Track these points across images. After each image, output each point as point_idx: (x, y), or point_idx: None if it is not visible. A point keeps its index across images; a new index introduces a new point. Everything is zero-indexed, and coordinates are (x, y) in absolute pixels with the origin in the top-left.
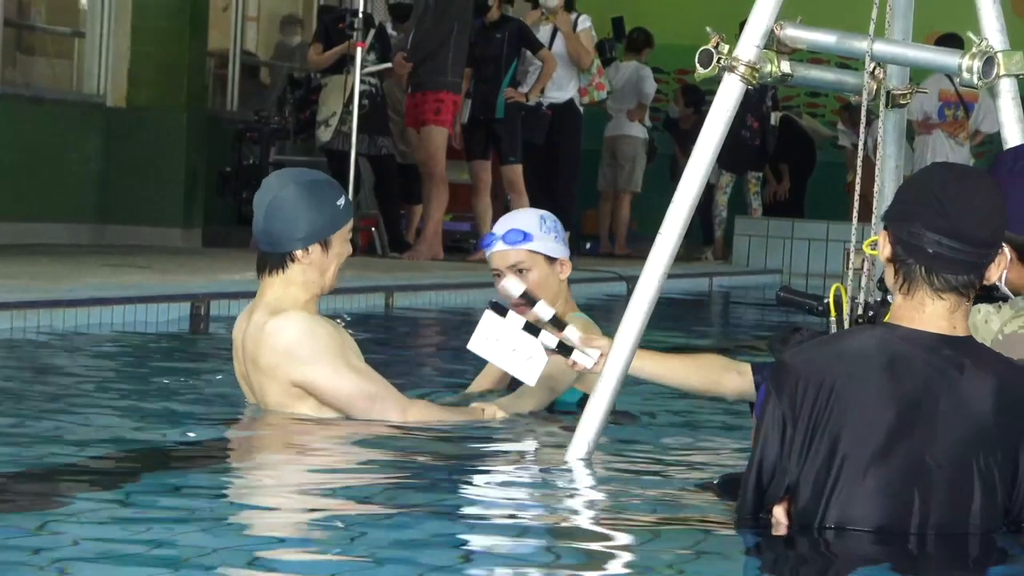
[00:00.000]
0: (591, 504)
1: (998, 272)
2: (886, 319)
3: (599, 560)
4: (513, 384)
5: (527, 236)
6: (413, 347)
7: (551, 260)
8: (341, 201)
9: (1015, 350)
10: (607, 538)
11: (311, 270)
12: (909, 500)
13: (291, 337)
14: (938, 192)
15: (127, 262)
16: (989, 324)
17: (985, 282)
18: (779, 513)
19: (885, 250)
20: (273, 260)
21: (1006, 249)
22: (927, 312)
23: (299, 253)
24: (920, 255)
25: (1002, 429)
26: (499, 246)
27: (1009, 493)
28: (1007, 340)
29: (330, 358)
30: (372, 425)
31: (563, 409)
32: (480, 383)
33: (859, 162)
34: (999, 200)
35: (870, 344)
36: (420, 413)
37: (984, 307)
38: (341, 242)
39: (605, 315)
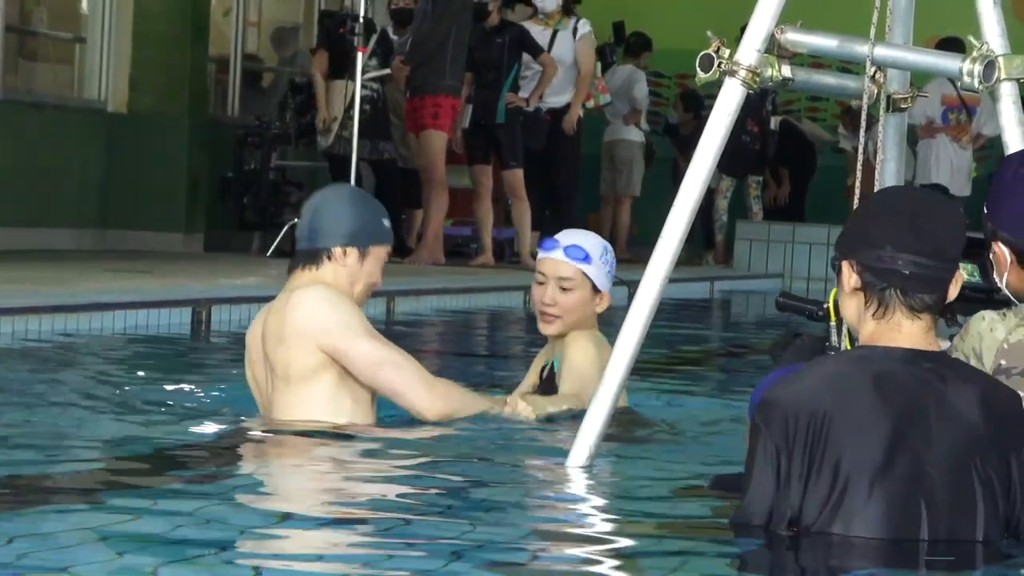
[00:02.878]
0: (591, 511)
1: (956, 289)
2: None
3: (600, 567)
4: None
5: (588, 257)
6: (415, 352)
7: (596, 290)
8: (387, 223)
9: (1021, 358)
10: (608, 545)
11: (342, 275)
12: (916, 510)
13: (317, 304)
14: (907, 213)
15: (129, 267)
16: (994, 332)
17: (948, 299)
18: None
19: (850, 281)
20: (308, 256)
21: (1006, 252)
22: (904, 332)
23: (336, 251)
24: (895, 277)
25: (993, 439)
26: (558, 255)
27: (1004, 504)
28: (1012, 348)
29: (356, 325)
30: (371, 427)
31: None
32: (525, 385)
33: (859, 166)
34: (961, 216)
35: (851, 367)
36: (445, 389)
37: (988, 314)
38: (376, 261)
39: (606, 319)
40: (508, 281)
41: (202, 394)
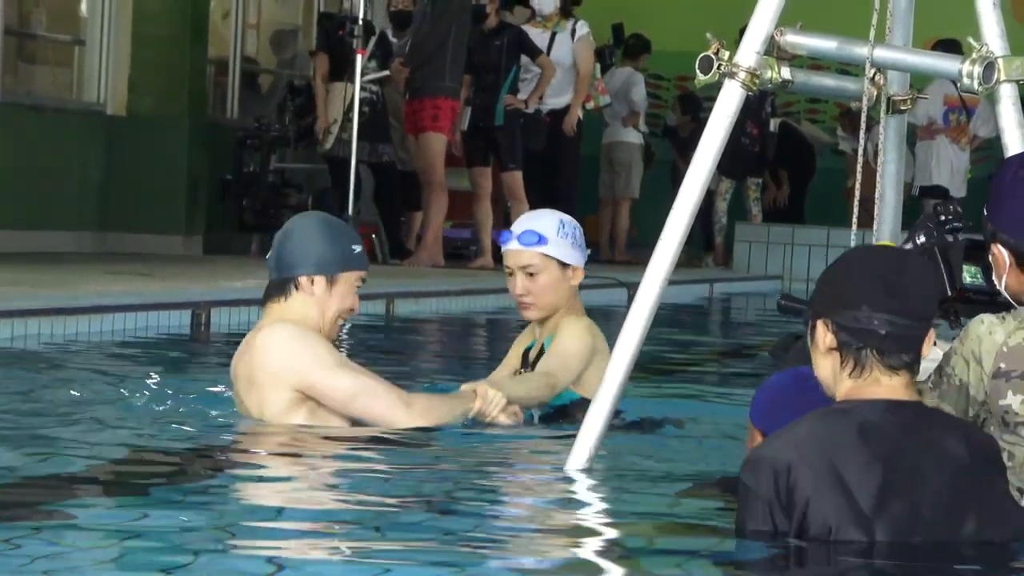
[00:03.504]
0: (591, 513)
1: (929, 346)
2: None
3: (600, 569)
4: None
5: (542, 239)
6: (414, 354)
7: (563, 265)
8: (357, 248)
9: (1020, 361)
10: (608, 547)
11: (311, 305)
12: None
13: (282, 344)
14: (882, 273)
15: (129, 269)
16: (993, 335)
17: (922, 356)
18: None
19: (825, 340)
20: (277, 286)
21: (1005, 254)
22: (884, 386)
23: (303, 280)
24: (871, 338)
25: (981, 477)
26: (513, 245)
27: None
28: (1012, 351)
29: (325, 359)
30: (371, 432)
31: (550, 409)
32: (501, 372)
33: (859, 168)
34: (933, 274)
35: (835, 420)
36: (423, 405)
37: (987, 317)
38: (347, 287)
39: (605, 321)
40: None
41: (201, 396)
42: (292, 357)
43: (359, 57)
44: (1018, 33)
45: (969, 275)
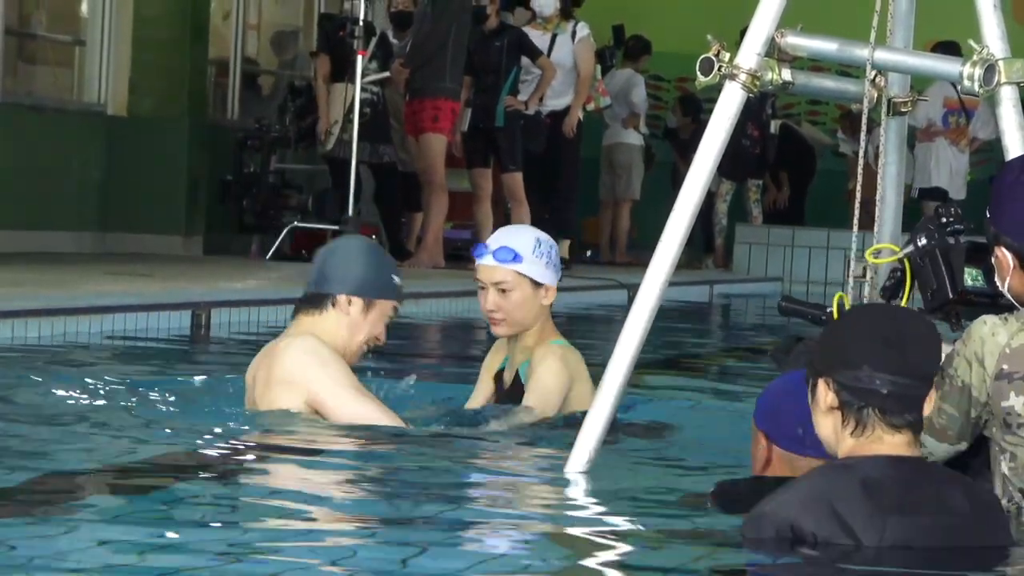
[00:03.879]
0: (589, 517)
1: (930, 406)
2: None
3: (598, 573)
4: (511, 394)
5: (517, 257)
6: (414, 355)
7: (536, 284)
8: (397, 280)
9: (1023, 363)
10: (606, 551)
11: (343, 324)
12: None
13: (305, 357)
14: (883, 333)
15: (129, 270)
16: (996, 337)
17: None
18: None
19: (827, 399)
20: (313, 300)
21: (1009, 257)
22: (886, 444)
23: (341, 299)
24: (873, 397)
25: (983, 528)
26: (488, 260)
27: None
28: (1014, 353)
29: (342, 380)
30: (369, 433)
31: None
32: (476, 400)
33: (860, 170)
34: (935, 331)
35: (836, 475)
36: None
37: (990, 319)
38: (380, 315)
39: (605, 323)
40: None
41: (201, 397)
42: (310, 370)
43: (360, 58)
44: (1018, 35)
45: (971, 277)
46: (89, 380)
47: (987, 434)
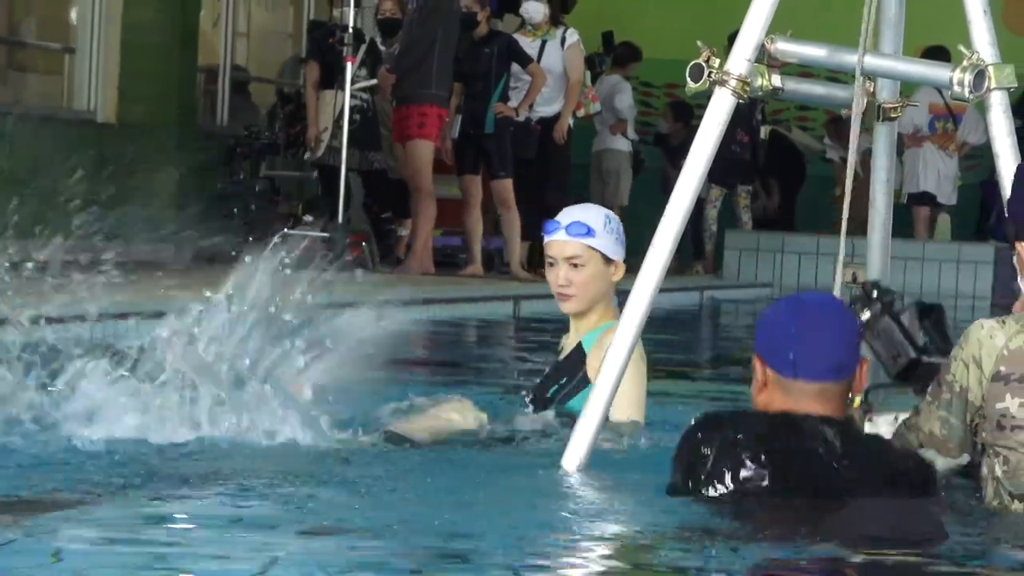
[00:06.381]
0: (583, 515)
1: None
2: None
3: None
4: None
5: (590, 231)
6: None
7: (607, 260)
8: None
9: (1021, 364)
10: (597, 550)
11: None
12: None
13: None
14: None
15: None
16: (994, 339)
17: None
18: None
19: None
20: None
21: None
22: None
23: None
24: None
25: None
26: (560, 235)
27: None
28: (1012, 355)
29: None
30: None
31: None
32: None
33: (849, 177)
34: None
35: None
36: None
37: (987, 322)
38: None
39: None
40: (497, 291)
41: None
42: None
43: (349, 65)
44: (1008, 41)
45: (923, 332)
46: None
47: (977, 439)
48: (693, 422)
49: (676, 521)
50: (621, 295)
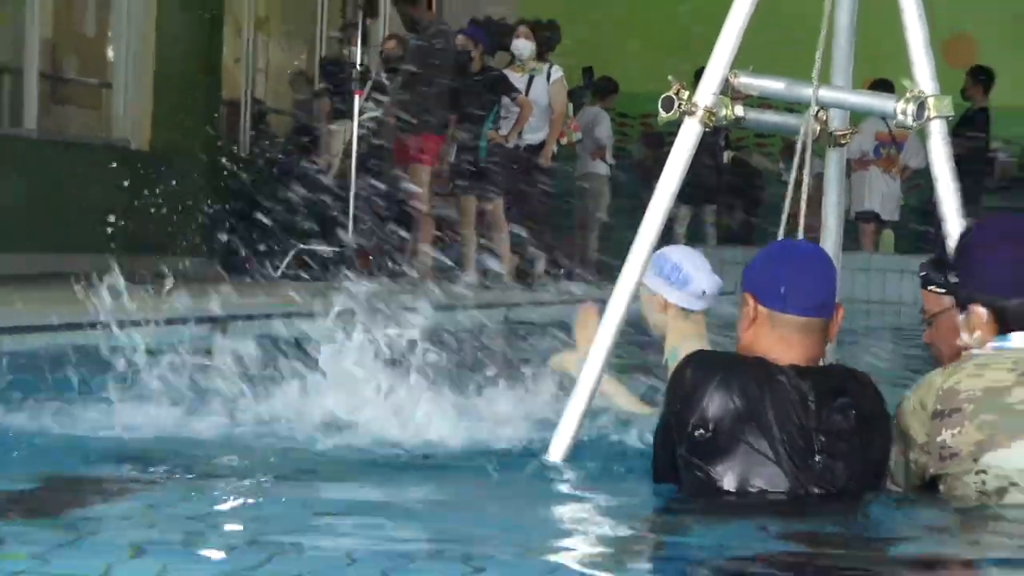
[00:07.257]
0: (566, 506)
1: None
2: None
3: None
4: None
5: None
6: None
7: (652, 292)
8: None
9: (950, 401)
10: (584, 540)
11: None
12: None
13: None
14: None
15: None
16: (933, 383)
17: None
18: None
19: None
20: None
21: (984, 312)
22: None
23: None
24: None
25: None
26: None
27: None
28: (946, 393)
29: None
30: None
31: None
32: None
33: (804, 195)
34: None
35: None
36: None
37: (938, 370)
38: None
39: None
40: (491, 299)
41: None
42: None
43: (356, 98)
44: (947, 74)
45: None
46: (98, 388)
47: (927, 476)
48: (684, 359)
49: (657, 509)
50: (600, 304)
